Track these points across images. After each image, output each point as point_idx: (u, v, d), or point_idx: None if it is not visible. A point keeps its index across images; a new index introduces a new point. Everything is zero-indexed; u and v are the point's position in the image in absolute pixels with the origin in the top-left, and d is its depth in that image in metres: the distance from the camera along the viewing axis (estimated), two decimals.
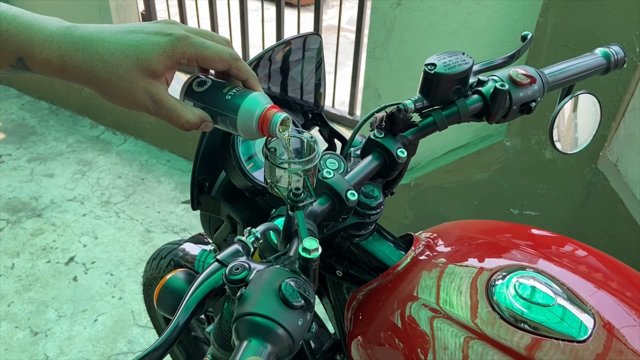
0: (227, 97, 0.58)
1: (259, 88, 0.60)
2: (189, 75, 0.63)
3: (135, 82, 0.54)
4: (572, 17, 1.40)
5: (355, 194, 0.60)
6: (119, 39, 0.54)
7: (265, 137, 0.56)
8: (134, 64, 0.54)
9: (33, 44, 0.52)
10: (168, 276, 0.80)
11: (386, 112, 0.68)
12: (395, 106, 0.67)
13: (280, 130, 0.55)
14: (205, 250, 1.10)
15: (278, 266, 0.50)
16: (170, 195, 2.46)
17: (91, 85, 0.54)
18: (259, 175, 0.79)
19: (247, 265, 0.50)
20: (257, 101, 0.56)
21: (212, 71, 0.62)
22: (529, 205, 1.78)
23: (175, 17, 2.64)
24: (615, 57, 0.82)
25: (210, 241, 1.09)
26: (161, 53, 0.54)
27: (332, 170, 0.62)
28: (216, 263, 0.53)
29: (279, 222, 0.63)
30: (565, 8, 1.41)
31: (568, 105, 0.81)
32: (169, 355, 0.46)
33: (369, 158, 0.67)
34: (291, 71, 0.84)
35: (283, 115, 0.55)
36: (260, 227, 0.58)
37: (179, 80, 2.73)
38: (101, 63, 0.53)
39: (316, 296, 0.56)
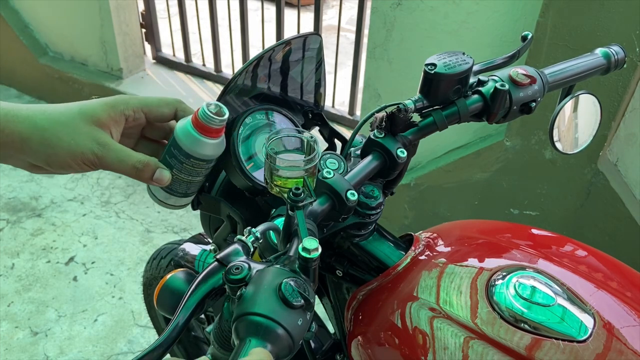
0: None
1: None
2: None
3: (78, 128, 0.53)
4: (572, 17, 1.40)
5: (355, 194, 0.60)
6: (62, 104, 0.55)
7: (266, 137, 0.56)
8: (77, 113, 0.54)
9: None
10: (168, 276, 0.80)
11: (386, 112, 0.68)
12: (395, 106, 0.67)
13: (211, 110, 0.59)
14: (205, 250, 1.10)
15: (278, 266, 0.50)
16: None
17: (31, 141, 0.52)
18: (259, 175, 0.79)
19: (247, 265, 0.50)
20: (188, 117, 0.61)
21: None
22: (529, 205, 1.78)
23: (175, 17, 2.64)
24: (616, 57, 0.82)
25: (210, 241, 1.09)
26: (105, 103, 0.56)
27: (332, 170, 0.62)
28: (216, 263, 0.53)
29: (279, 222, 0.63)
30: (565, 8, 1.41)
31: (568, 106, 0.81)
32: (168, 354, 0.46)
33: (369, 158, 0.67)
34: (291, 71, 0.84)
35: (210, 102, 0.60)
36: (260, 227, 0.58)
37: None
38: (43, 115, 0.53)
39: (316, 296, 0.56)
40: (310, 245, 0.49)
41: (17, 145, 0.51)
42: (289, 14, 2.81)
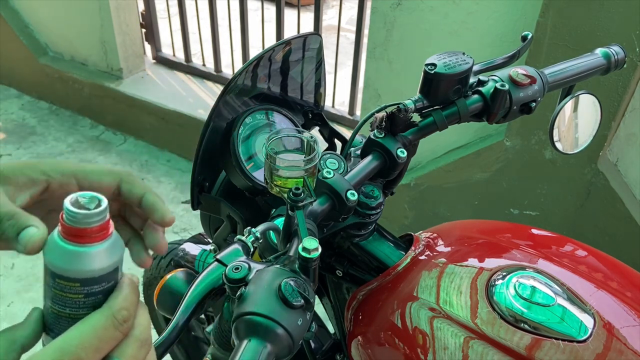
0: None
1: (158, 203, 0.47)
2: None
3: None
4: (572, 17, 1.40)
5: (355, 193, 0.60)
6: None
7: (266, 137, 0.56)
8: None
9: None
10: (168, 276, 0.80)
11: (386, 112, 0.68)
12: (396, 106, 0.67)
13: (78, 204, 0.41)
14: (205, 250, 1.10)
15: (278, 266, 0.50)
16: (170, 195, 2.46)
17: None
18: (259, 175, 0.79)
19: (247, 265, 0.50)
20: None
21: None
22: (529, 205, 1.78)
23: (175, 17, 2.64)
24: (616, 57, 0.82)
25: (210, 241, 1.09)
26: (23, 162, 0.45)
27: (332, 170, 0.62)
28: (216, 263, 0.53)
29: (279, 222, 0.63)
30: (565, 8, 1.41)
31: (568, 106, 0.81)
32: (169, 355, 0.46)
33: (369, 158, 0.67)
34: (291, 71, 0.84)
35: (76, 194, 0.42)
36: (260, 227, 0.58)
37: None
38: None
39: (316, 296, 0.56)
40: (310, 245, 0.49)
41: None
42: (289, 14, 2.81)
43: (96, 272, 0.42)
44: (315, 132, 0.89)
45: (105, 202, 0.42)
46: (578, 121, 0.84)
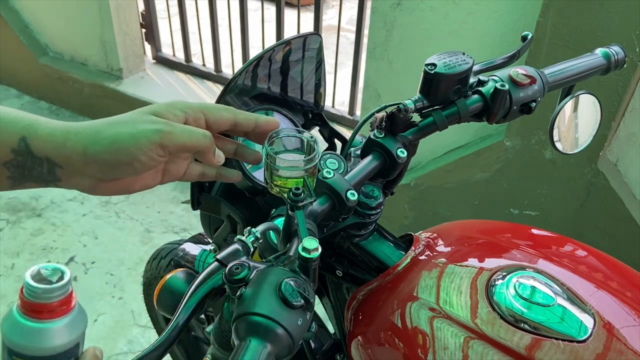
0: None
1: (268, 121, 0.60)
2: None
3: (137, 119, 0.53)
4: (572, 17, 1.40)
5: (355, 193, 0.60)
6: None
7: (267, 137, 0.56)
8: (134, 112, 0.54)
9: (38, 123, 0.51)
10: (168, 276, 0.80)
11: (386, 112, 0.68)
12: (395, 106, 0.67)
13: (39, 277, 0.42)
14: (205, 250, 1.10)
15: (278, 266, 0.50)
16: (170, 195, 2.46)
17: (94, 147, 0.51)
18: (259, 175, 0.79)
19: (247, 265, 0.50)
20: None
21: None
22: (529, 205, 1.78)
23: (175, 17, 2.64)
24: (616, 57, 0.82)
25: (210, 241, 1.09)
26: (162, 103, 0.56)
27: (332, 170, 0.62)
28: (216, 263, 0.53)
29: (279, 222, 0.63)
30: (565, 8, 1.41)
31: (568, 106, 0.81)
32: (169, 355, 0.46)
33: (369, 158, 0.67)
34: (291, 71, 0.84)
35: (38, 266, 0.43)
36: (260, 227, 0.58)
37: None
38: (102, 122, 0.53)
39: (316, 296, 0.56)
40: (310, 245, 0.49)
41: (80, 156, 0.51)
42: (289, 14, 2.81)
43: (56, 349, 0.40)
44: (315, 132, 0.89)
45: (68, 274, 0.41)
46: (578, 121, 0.84)
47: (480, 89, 0.72)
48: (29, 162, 0.51)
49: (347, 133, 0.79)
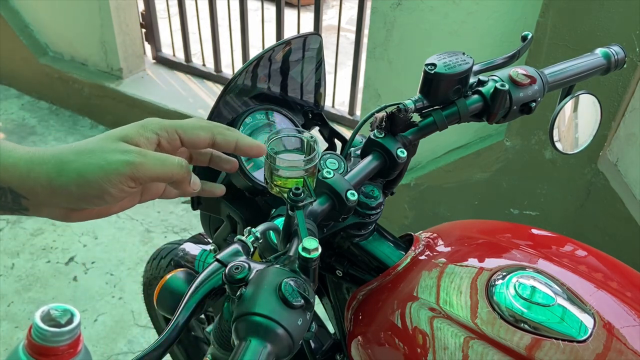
0: None
1: (252, 144, 0.56)
2: None
3: (107, 148, 0.49)
4: (572, 17, 1.40)
5: (355, 193, 0.60)
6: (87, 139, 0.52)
7: (266, 137, 0.56)
8: (104, 137, 0.50)
9: (1, 151, 0.48)
10: (168, 276, 0.80)
11: (386, 112, 0.68)
12: (395, 106, 0.67)
13: (50, 319, 0.41)
14: (205, 250, 1.10)
15: (278, 266, 0.50)
16: None
17: (60, 178, 0.48)
18: (259, 175, 0.79)
19: (247, 265, 0.50)
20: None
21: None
22: (529, 205, 1.78)
23: (175, 17, 2.64)
24: (616, 57, 0.82)
25: (210, 241, 1.09)
26: (134, 124, 0.52)
27: (332, 170, 0.62)
28: (216, 263, 0.53)
29: (279, 222, 0.63)
30: (565, 8, 1.41)
31: (568, 106, 0.81)
32: (169, 355, 0.46)
33: (369, 158, 0.67)
34: (291, 71, 0.84)
35: (48, 307, 0.42)
36: (260, 227, 0.58)
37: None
38: (69, 149, 0.49)
39: (316, 296, 0.56)
40: (310, 245, 0.49)
41: (46, 188, 0.48)
42: (289, 14, 2.81)
43: None
44: (315, 132, 0.90)
45: (78, 317, 0.40)
46: (578, 121, 0.84)
47: (480, 89, 0.72)
48: None
49: (347, 133, 0.79)
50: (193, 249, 1.14)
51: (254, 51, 2.45)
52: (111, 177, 0.48)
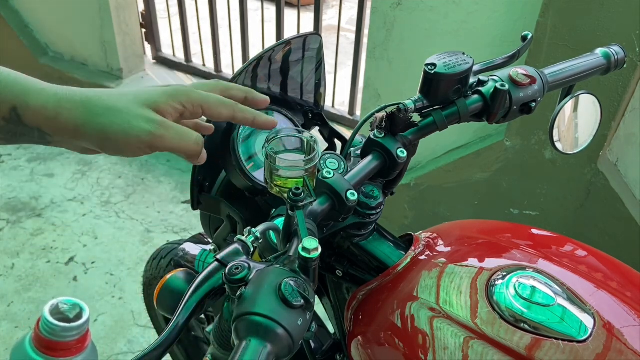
0: None
1: (267, 121, 0.60)
2: None
3: (133, 112, 0.51)
4: (572, 17, 1.40)
5: (355, 193, 0.60)
6: (117, 90, 0.54)
7: (266, 137, 0.56)
8: (133, 98, 0.53)
9: (29, 92, 0.51)
10: (168, 276, 0.80)
11: (386, 112, 0.68)
12: (395, 106, 0.67)
13: (58, 313, 0.42)
14: (205, 250, 1.10)
15: (278, 266, 0.50)
16: (170, 195, 2.46)
17: (85, 128, 0.50)
18: (259, 175, 0.79)
19: (247, 265, 0.50)
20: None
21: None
22: (529, 205, 1.78)
23: (175, 17, 2.64)
24: (616, 57, 0.82)
25: (210, 241, 1.09)
26: (163, 92, 0.54)
27: (332, 170, 0.62)
28: (216, 263, 0.53)
29: (279, 222, 0.63)
30: (565, 8, 1.41)
31: (568, 106, 0.81)
32: (168, 355, 0.46)
33: (369, 158, 0.67)
34: (291, 71, 0.84)
35: (57, 300, 0.43)
36: (260, 227, 0.58)
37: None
38: (99, 100, 0.52)
39: (316, 296, 0.56)
40: (310, 245, 0.49)
41: (70, 131, 0.51)
42: (289, 14, 2.81)
43: None
44: (315, 132, 0.90)
45: (87, 312, 0.40)
46: (578, 121, 0.84)
47: (480, 89, 0.72)
48: (20, 129, 0.51)
49: (347, 133, 0.79)
50: (193, 249, 1.14)
51: (254, 51, 2.45)
52: (131, 140, 0.51)
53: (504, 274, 0.61)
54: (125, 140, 0.51)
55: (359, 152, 0.70)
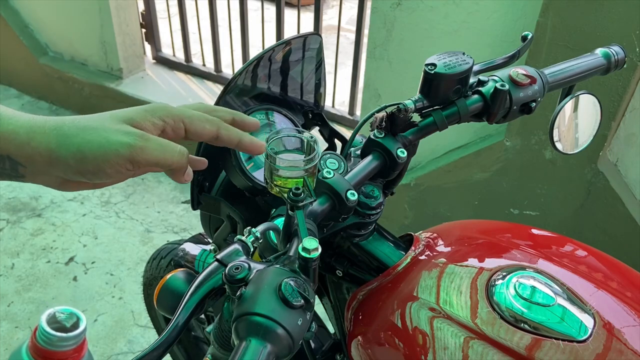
0: None
1: (253, 143, 0.57)
2: None
3: (109, 127, 0.49)
4: (572, 17, 1.40)
5: (355, 193, 0.60)
6: (92, 114, 0.52)
7: (266, 137, 0.56)
8: (108, 116, 0.50)
9: (1, 117, 0.48)
10: (168, 276, 0.80)
11: (386, 112, 0.68)
12: (396, 106, 0.67)
13: (55, 322, 0.42)
14: (205, 250, 1.10)
15: (278, 266, 0.50)
16: (170, 195, 2.46)
17: (59, 150, 0.48)
18: (259, 175, 0.79)
19: (247, 265, 0.50)
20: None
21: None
22: (529, 205, 1.78)
23: (175, 17, 2.64)
24: (616, 57, 0.82)
25: (210, 241, 1.09)
26: (141, 108, 0.52)
27: (332, 170, 0.62)
28: (216, 263, 0.53)
29: (279, 222, 0.63)
30: (565, 8, 1.41)
31: (568, 106, 0.81)
32: (168, 355, 0.46)
33: (369, 158, 0.67)
34: (291, 71, 0.84)
35: (54, 310, 0.43)
36: (260, 227, 0.58)
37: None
38: (72, 123, 0.49)
39: (316, 296, 0.56)
40: (310, 245, 0.49)
41: (45, 157, 0.48)
42: (289, 14, 2.81)
43: None
44: (315, 132, 0.90)
45: (84, 321, 0.40)
46: (578, 121, 0.84)
47: (480, 89, 0.72)
48: None
49: (347, 133, 0.79)
50: (193, 249, 1.14)
51: (254, 51, 2.45)
52: (110, 157, 0.48)
53: (504, 274, 0.61)
54: (103, 157, 0.48)
55: (359, 152, 0.70)
